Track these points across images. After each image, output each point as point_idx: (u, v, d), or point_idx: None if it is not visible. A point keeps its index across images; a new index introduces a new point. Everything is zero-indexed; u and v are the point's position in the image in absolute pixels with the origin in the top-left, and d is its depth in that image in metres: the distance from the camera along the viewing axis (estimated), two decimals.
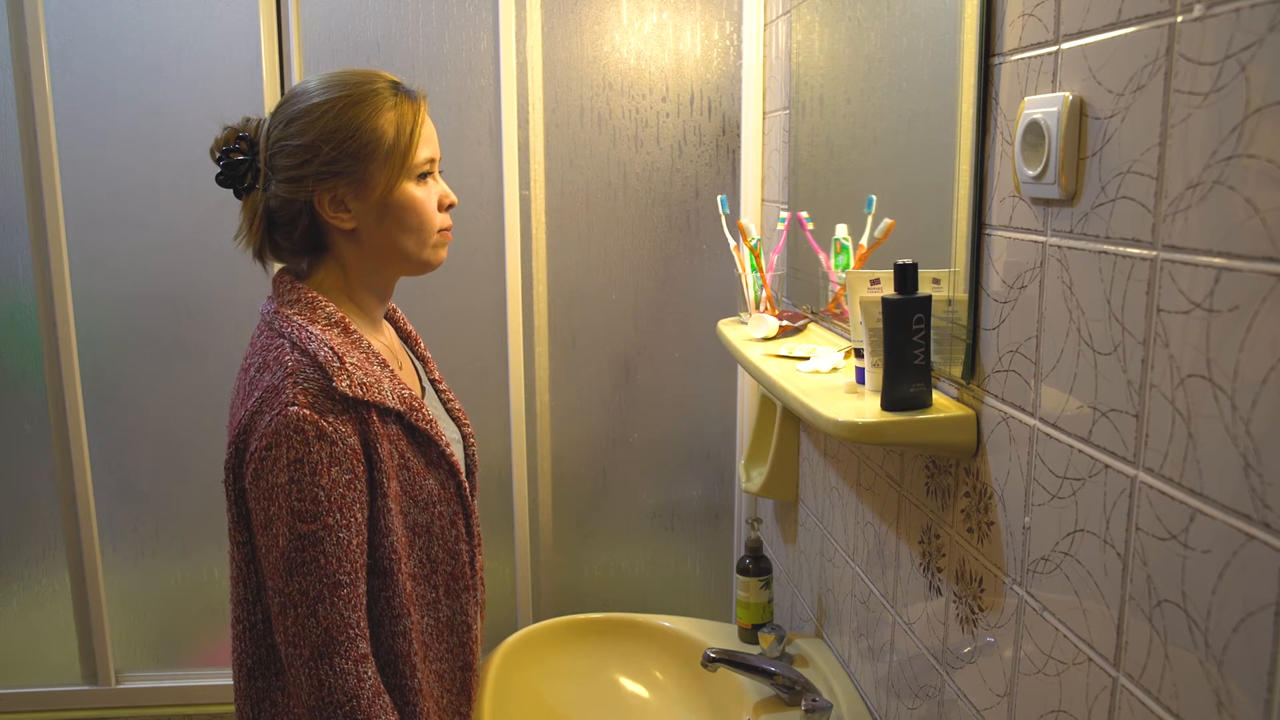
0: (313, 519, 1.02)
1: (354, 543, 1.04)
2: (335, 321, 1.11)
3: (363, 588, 1.06)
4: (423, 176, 1.15)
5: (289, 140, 1.11)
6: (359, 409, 1.06)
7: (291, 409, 1.02)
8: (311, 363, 1.06)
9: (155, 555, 2.02)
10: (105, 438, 1.97)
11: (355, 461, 1.04)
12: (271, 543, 1.03)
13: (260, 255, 1.18)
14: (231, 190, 1.16)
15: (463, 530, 1.19)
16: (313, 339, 1.07)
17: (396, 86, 1.15)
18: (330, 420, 1.03)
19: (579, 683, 1.66)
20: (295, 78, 1.88)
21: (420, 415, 1.13)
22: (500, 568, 2.10)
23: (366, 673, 1.04)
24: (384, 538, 1.08)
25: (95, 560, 1.98)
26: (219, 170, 1.15)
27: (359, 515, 1.05)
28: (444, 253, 1.21)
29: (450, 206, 1.20)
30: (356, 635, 1.04)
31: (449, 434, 1.25)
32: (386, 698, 1.06)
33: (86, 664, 2.04)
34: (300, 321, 1.09)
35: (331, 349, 1.07)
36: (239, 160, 1.14)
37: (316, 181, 1.10)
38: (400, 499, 1.11)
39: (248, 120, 1.17)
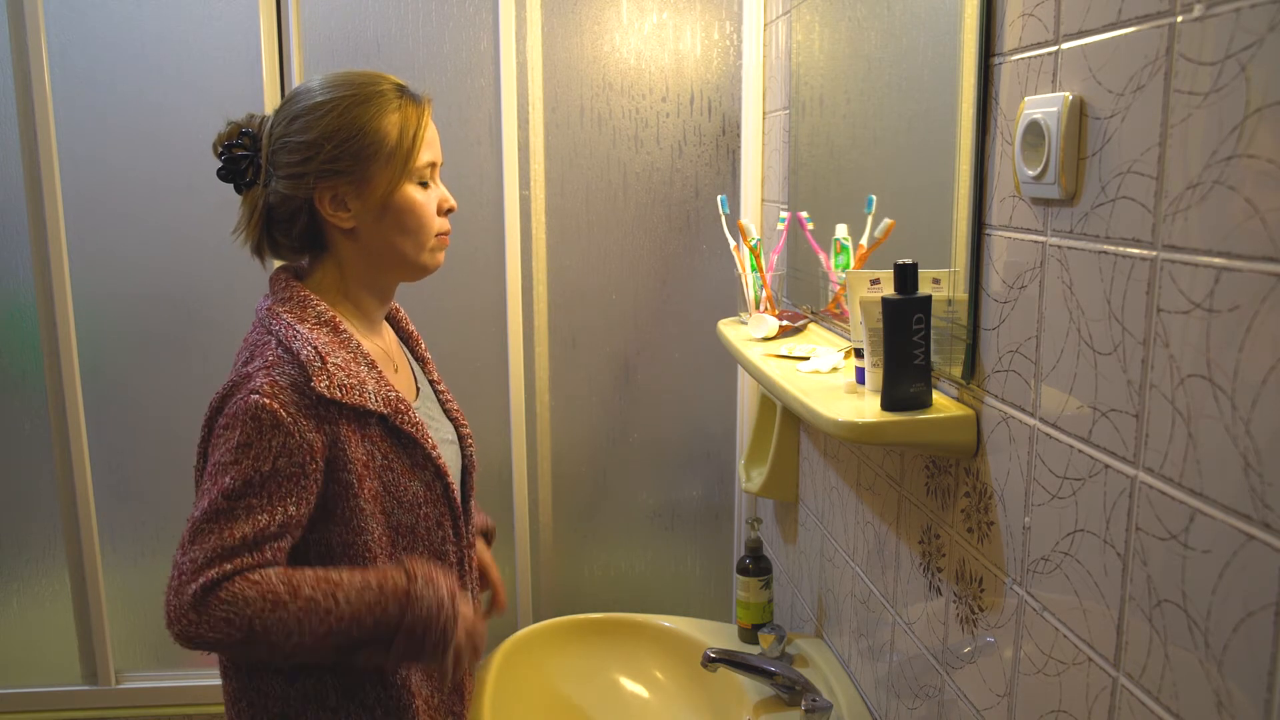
0: (237, 498, 1.02)
1: (270, 529, 1.03)
2: (325, 320, 1.11)
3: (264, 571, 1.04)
4: (424, 180, 1.16)
5: (292, 137, 1.11)
6: (332, 409, 1.06)
7: (254, 396, 1.03)
8: (293, 360, 1.07)
9: (155, 555, 2.02)
10: (105, 438, 1.97)
11: (308, 458, 1.04)
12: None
13: (259, 251, 1.18)
14: (232, 185, 1.17)
15: (449, 532, 1.19)
16: (298, 337, 1.08)
17: (401, 89, 1.15)
18: (291, 412, 1.04)
19: (579, 683, 1.66)
20: (295, 78, 1.88)
21: (405, 418, 1.13)
22: (500, 568, 2.09)
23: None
24: (356, 536, 1.09)
25: (95, 560, 1.98)
26: (220, 164, 1.16)
27: (291, 509, 1.04)
28: (441, 256, 1.21)
29: (449, 211, 1.20)
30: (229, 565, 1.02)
31: (445, 434, 1.25)
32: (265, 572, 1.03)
33: (86, 664, 2.04)
34: (289, 319, 1.10)
35: (315, 348, 1.07)
36: (240, 155, 1.14)
37: (317, 179, 1.11)
38: (382, 499, 1.12)
39: (251, 116, 1.17)
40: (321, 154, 1.10)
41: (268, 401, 1.03)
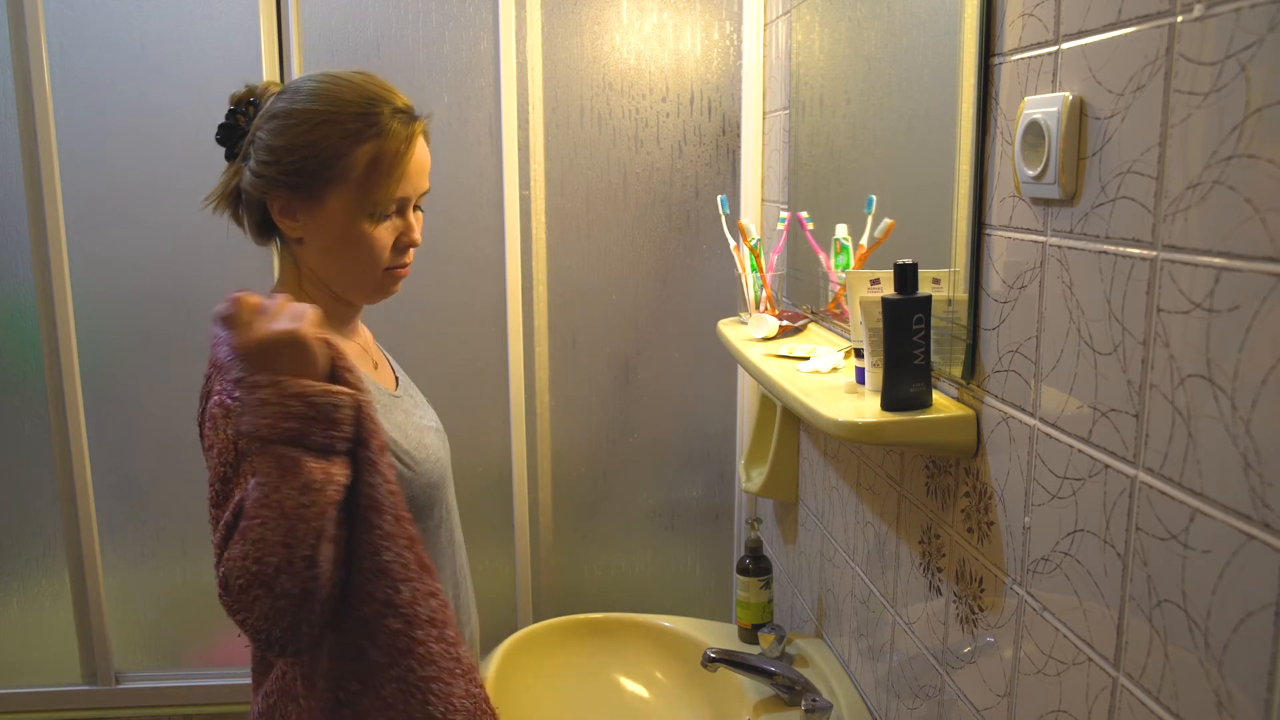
0: (224, 500, 0.99)
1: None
2: None
3: None
4: (388, 215, 1.10)
5: (264, 135, 1.10)
6: None
7: (213, 398, 1.03)
8: None
9: (155, 555, 2.02)
10: (105, 438, 1.97)
11: None
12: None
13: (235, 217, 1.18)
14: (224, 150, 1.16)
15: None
16: None
17: (397, 114, 1.09)
18: None
19: (579, 683, 1.66)
20: (296, 75, 1.88)
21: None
22: (500, 568, 2.10)
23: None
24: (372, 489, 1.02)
25: (95, 560, 1.98)
26: (220, 126, 1.15)
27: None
28: (395, 288, 1.15)
29: (409, 246, 1.13)
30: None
31: (430, 421, 1.26)
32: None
33: (86, 664, 2.04)
34: None
35: None
36: (239, 126, 1.14)
37: (271, 185, 1.09)
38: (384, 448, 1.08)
39: (268, 85, 1.15)
40: (282, 163, 1.08)
41: (222, 397, 1.02)
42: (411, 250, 1.14)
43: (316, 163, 1.07)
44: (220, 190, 1.16)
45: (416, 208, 1.15)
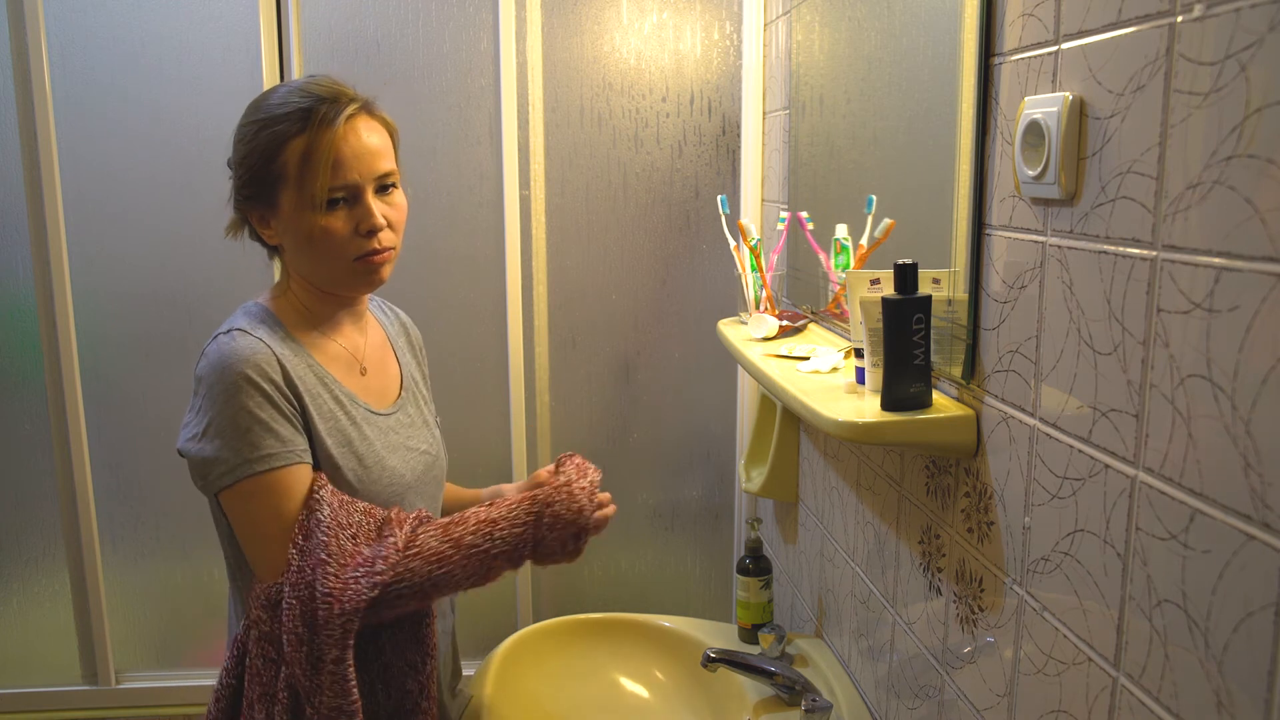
0: None
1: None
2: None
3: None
4: (337, 203, 1.10)
5: (231, 152, 1.15)
6: None
7: None
8: None
9: (155, 555, 2.02)
10: (105, 438, 1.97)
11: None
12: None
13: None
14: None
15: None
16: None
17: (329, 106, 1.09)
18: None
19: (579, 683, 1.66)
20: (295, 77, 1.88)
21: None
22: None
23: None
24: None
25: (95, 560, 1.98)
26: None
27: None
28: (379, 275, 1.15)
29: (370, 231, 1.11)
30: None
31: (417, 443, 1.25)
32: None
33: (86, 664, 2.04)
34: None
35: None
36: None
37: (241, 201, 1.15)
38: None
39: None
40: (240, 177, 1.13)
41: None
42: (383, 235, 1.13)
43: (261, 169, 1.10)
44: (231, 219, 1.20)
45: (387, 188, 1.14)
